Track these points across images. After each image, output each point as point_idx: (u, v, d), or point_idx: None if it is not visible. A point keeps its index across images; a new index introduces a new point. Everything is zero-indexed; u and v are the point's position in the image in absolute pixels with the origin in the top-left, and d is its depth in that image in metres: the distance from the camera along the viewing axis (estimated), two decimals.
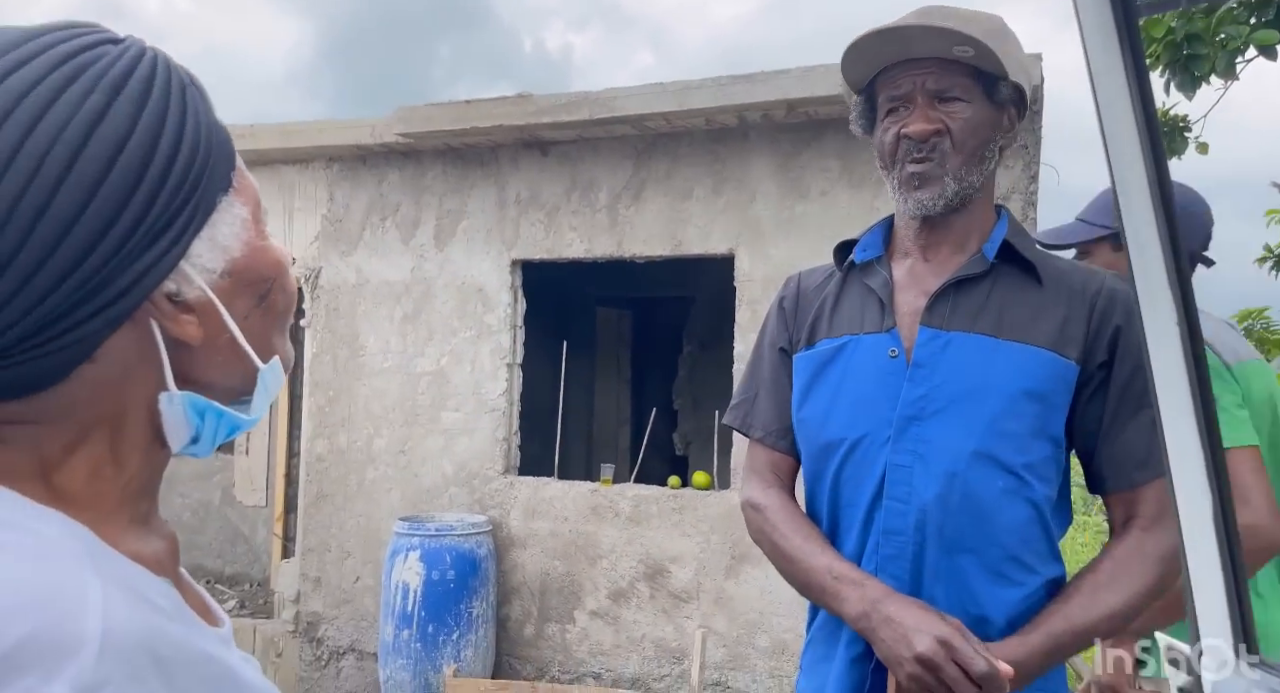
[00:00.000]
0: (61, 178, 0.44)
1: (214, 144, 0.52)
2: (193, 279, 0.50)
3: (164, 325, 0.50)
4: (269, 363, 0.56)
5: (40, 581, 0.41)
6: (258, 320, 0.55)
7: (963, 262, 1.14)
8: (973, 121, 1.10)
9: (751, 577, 3.61)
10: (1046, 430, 1.07)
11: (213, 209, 0.51)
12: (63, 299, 0.44)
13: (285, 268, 0.58)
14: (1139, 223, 0.62)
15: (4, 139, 0.43)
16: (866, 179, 3.53)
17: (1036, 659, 1.01)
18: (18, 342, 0.44)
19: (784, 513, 1.21)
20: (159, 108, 0.48)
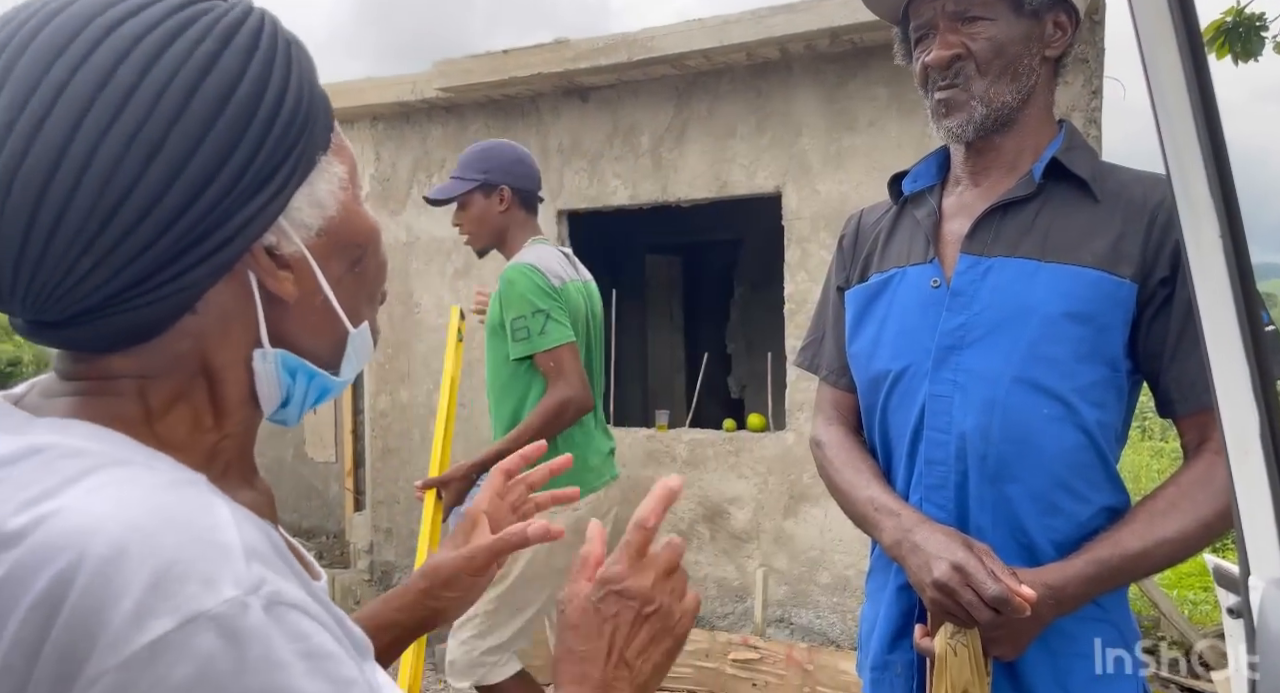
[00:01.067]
0: (173, 120, 0.45)
1: (316, 102, 0.52)
2: (290, 234, 0.51)
3: (262, 280, 0.51)
4: (358, 327, 0.57)
5: (178, 503, 0.44)
6: (350, 285, 0.56)
7: (1010, 184, 1.11)
8: (997, 40, 1.06)
9: (811, 516, 3.62)
10: (1099, 353, 1.03)
11: (313, 166, 0.52)
12: (171, 244, 0.45)
13: (378, 235, 0.59)
14: (1181, 143, 0.58)
15: (119, 82, 0.44)
16: (918, 106, 3.40)
17: (1078, 585, 0.99)
18: (129, 287, 0.46)
19: (839, 448, 1.23)
20: (266, 59, 0.49)
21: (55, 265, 0.44)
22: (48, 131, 0.43)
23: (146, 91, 0.44)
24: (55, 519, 0.42)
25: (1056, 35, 1.09)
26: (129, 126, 0.44)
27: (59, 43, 0.45)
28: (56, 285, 0.45)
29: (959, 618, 0.99)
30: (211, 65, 0.46)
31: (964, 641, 1.00)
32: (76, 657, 0.39)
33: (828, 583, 3.61)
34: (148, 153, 0.44)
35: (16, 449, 0.45)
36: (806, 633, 3.63)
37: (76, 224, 0.44)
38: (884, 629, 1.16)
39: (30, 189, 0.43)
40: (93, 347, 0.49)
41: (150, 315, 0.47)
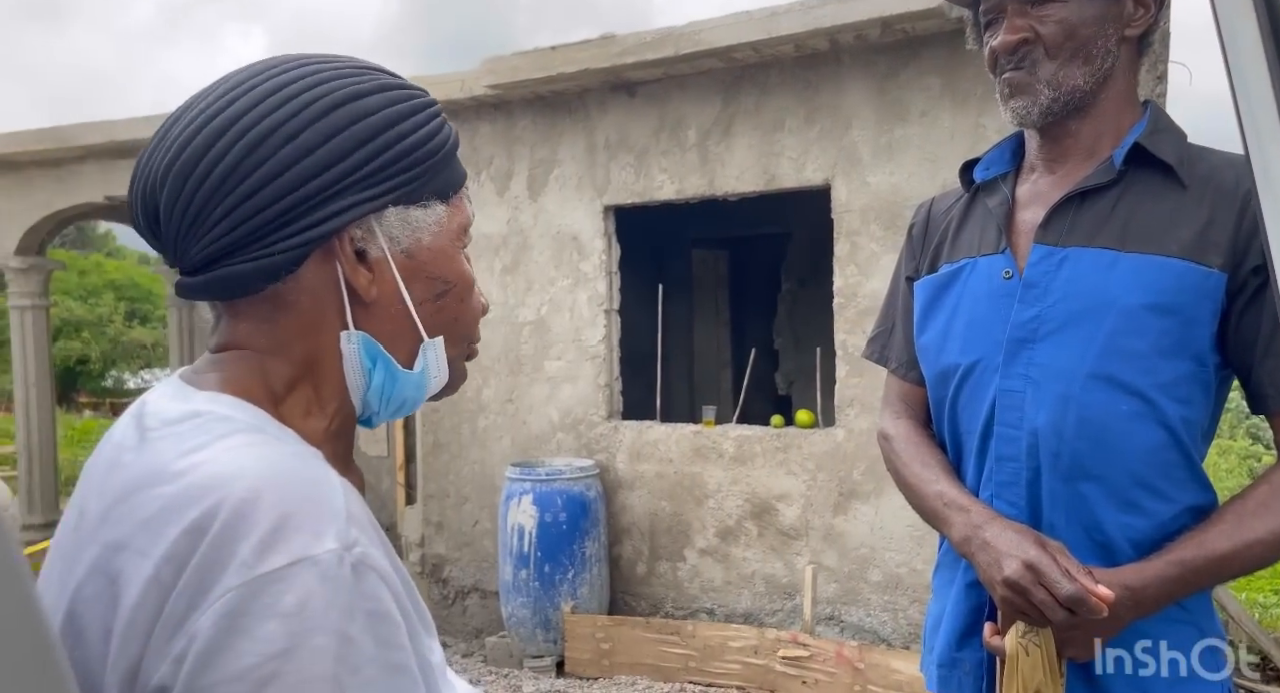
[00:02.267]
0: (313, 121, 0.58)
1: (442, 162, 0.64)
2: (377, 238, 0.61)
3: (345, 269, 0.61)
4: (434, 339, 0.66)
5: (302, 467, 0.55)
6: (430, 313, 0.65)
7: (1088, 171, 1.07)
8: (1069, 22, 1.02)
9: (861, 513, 3.58)
10: (1184, 347, 0.99)
11: (417, 201, 0.63)
12: (282, 211, 0.58)
13: (469, 284, 0.68)
14: (1262, 128, 0.55)
15: (286, 92, 0.59)
16: (971, 95, 3.32)
17: (1158, 586, 0.96)
18: (243, 241, 0.58)
19: (908, 442, 1.21)
20: (405, 111, 0.62)
21: (198, 211, 0.58)
22: (223, 116, 0.58)
23: (303, 99, 0.59)
24: (206, 466, 0.52)
25: (1138, 14, 1.04)
26: (280, 117, 0.58)
27: (263, 69, 0.61)
28: (194, 229, 0.58)
29: (1031, 617, 0.96)
30: (357, 98, 0.60)
31: (1036, 640, 0.97)
32: (210, 576, 0.48)
33: (879, 581, 3.56)
34: (285, 140, 0.57)
35: (183, 412, 0.57)
36: (857, 631, 3.59)
37: (219, 180, 0.57)
38: (951, 626, 1.13)
39: (196, 152, 0.57)
40: (217, 294, 0.60)
41: (257, 270, 0.58)
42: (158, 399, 0.60)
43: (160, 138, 0.60)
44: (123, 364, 21.01)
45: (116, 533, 0.53)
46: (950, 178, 3.59)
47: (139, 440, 0.57)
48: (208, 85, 0.62)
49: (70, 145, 5.38)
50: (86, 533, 0.55)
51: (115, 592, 0.51)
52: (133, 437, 0.58)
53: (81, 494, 0.59)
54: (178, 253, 0.60)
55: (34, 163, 5.80)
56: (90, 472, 0.60)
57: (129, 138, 5.09)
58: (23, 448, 6.24)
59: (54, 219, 6.04)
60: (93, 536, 0.54)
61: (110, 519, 0.54)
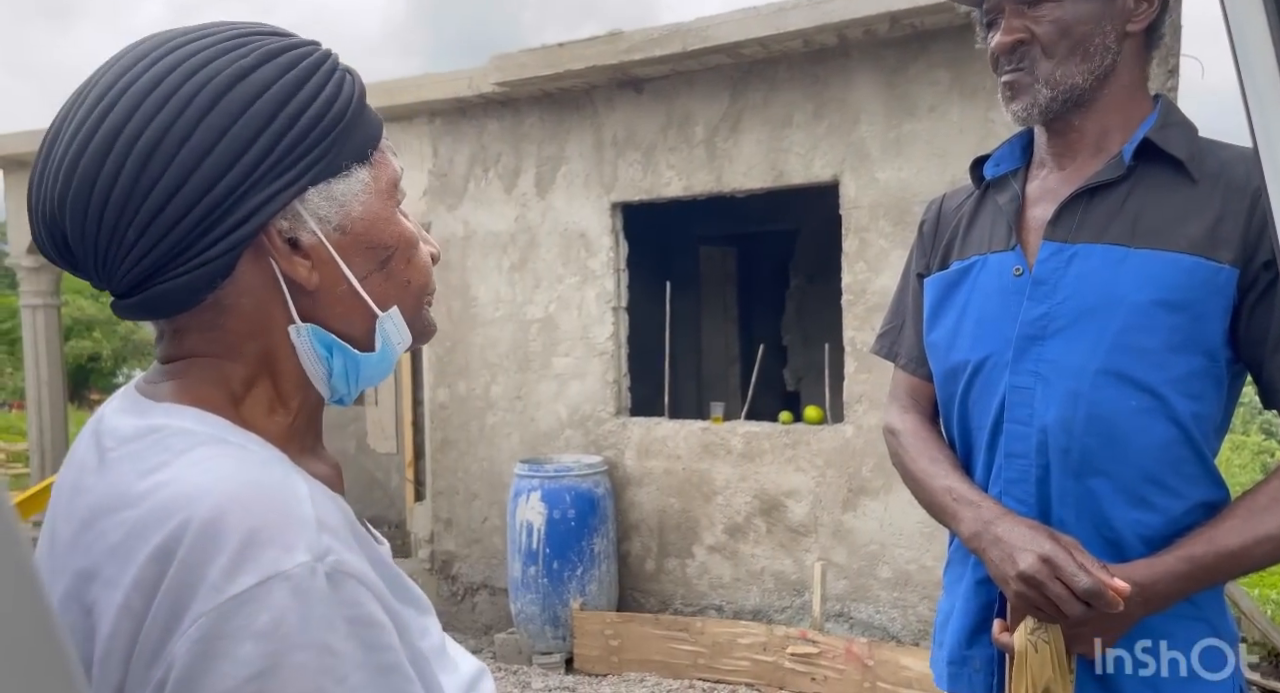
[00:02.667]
0: (201, 116, 0.54)
1: (350, 120, 0.59)
2: (306, 222, 0.58)
3: (280, 263, 0.58)
4: (388, 311, 0.63)
5: (266, 478, 0.53)
6: (378, 283, 0.62)
7: (1098, 167, 1.06)
8: (1064, 21, 1.02)
9: (870, 509, 3.57)
10: (1195, 343, 0.98)
11: (338, 172, 0.59)
12: (198, 219, 0.54)
13: (411, 242, 0.64)
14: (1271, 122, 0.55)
15: (165, 86, 0.54)
16: (980, 90, 3.31)
17: (1169, 582, 0.95)
18: (168, 257, 0.55)
19: (915, 437, 1.20)
20: (300, 76, 0.57)
21: (109, 236, 0.54)
22: (106, 126, 0.53)
23: (184, 94, 0.54)
24: (168, 487, 0.51)
25: (1140, 8, 1.04)
26: (165, 121, 0.53)
27: (134, 59, 0.56)
28: (112, 254, 0.55)
29: (1044, 612, 0.96)
30: (243, 76, 0.55)
31: (1045, 637, 0.97)
32: (181, 602, 0.48)
33: (888, 578, 3.55)
34: (178, 143, 0.53)
35: (139, 428, 0.56)
36: (866, 628, 3.58)
37: (122, 199, 0.53)
38: (961, 623, 1.13)
39: (90, 171, 0.53)
40: (153, 312, 0.58)
41: (190, 283, 0.56)
42: (114, 415, 0.58)
43: (45, 158, 0.56)
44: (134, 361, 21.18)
45: (85, 561, 0.52)
46: (959, 173, 3.57)
47: (99, 462, 0.56)
48: (80, 86, 0.56)
49: None
50: (59, 560, 0.54)
51: (91, 623, 0.50)
52: (93, 458, 0.57)
53: (51, 517, 0.58)
54: (101, 277, 0.57)
55: None
56: (58, 494, 0.59)
57: None
58: (35, 445, 6.30)
59: None
60: (64, 563, 0.53)
61: (79, 547, 0.53)
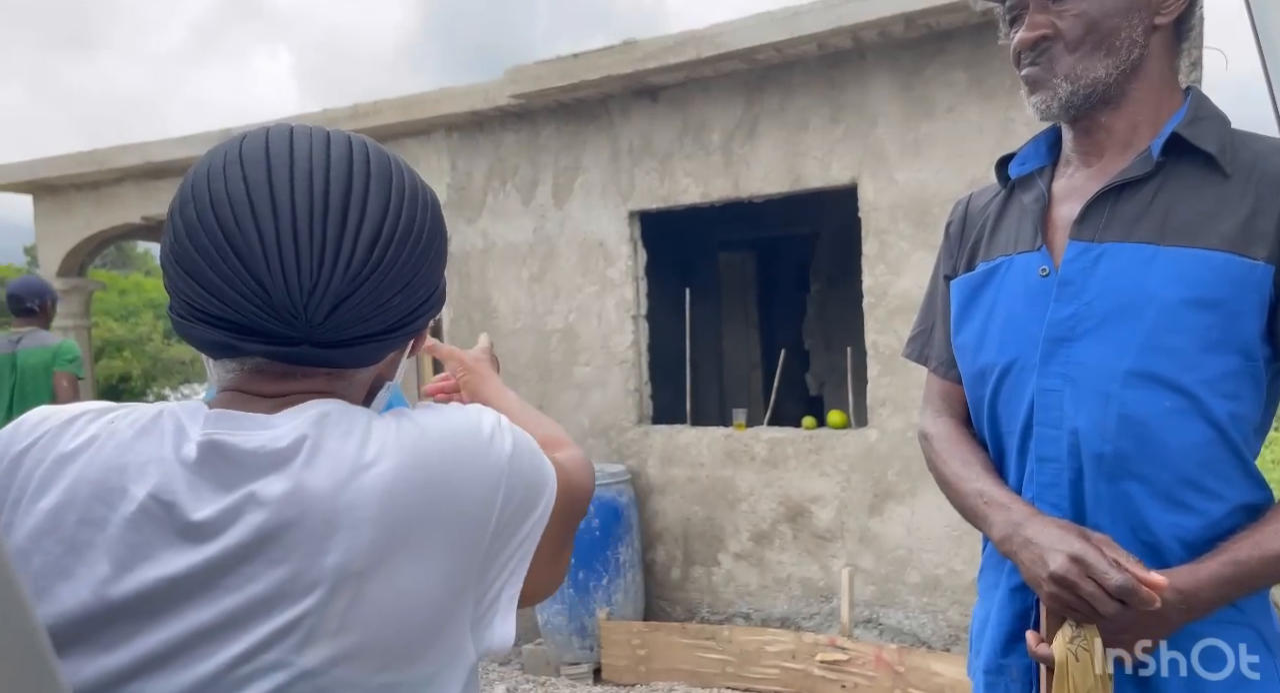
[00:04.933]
0: (424, 213, 0.70)
1: None
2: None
3: (415, 342, 0.76)
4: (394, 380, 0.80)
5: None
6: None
7: (1126, 164, 1.04)
8: (1089, 15, 1.00)
9: (896, 514, 3.53)
10: (1229, 341, 0.96)
11: None
12: (419, 306, 0.70)
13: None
14: None
15: (410, 208, 0.69)
16: (998, 90, 3.28)
17: (1212, 588, 0.93)
18: (383, 332, 0.68)
19: (948, 441, 1.19)
20: (430, 198, 0.74)
21: (377, 304, 0.66)
22: (392, 213, 0.67)
23: (408, 192, 0.69)
24: (397, 443, 0.65)
25: (1168, 1, 1.02)
26: (410, 216, 0.68)
27: (324, 143, 0.69)
28: (366, 317, 0.66)
29: (1080, 613, 0.94)
30: (418, 186, 0.71)
31: (1084, 645, 0.95)
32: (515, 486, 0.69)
33: (917, 583, 3.51)
34: (428, 249, 0.69)
35: (306, 422, 0.64)
36: (896, 634, 3.54)
37: (410, 272, 0.68)
38: (997, 633, 1.11)
39: (372, 258, 0.65)
40: (351, 363, 0.69)
41: (381, 352, 0.70)
42: (235, 434, 0.64)
43: (291, 243, 0.62)
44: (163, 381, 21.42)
45: (353, 534, 0.61)
46: (978, 173, 3.54)
47: (285, 474, 0.62)
48: (279, 176, 0.64)
49: (108, 168, 5.50)
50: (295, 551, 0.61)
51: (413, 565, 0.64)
52: (224, 473, 0.63)
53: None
54: (315, 327, 0.64)
55: (73, 185, 5.94)
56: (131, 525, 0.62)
57: (164, 158, 5.19)
58: None
59: (94, 240, 6.18)
60: (304, 553, 0.61)
61: (314, 536, 0.60)
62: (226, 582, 0.59)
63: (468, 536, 0.64)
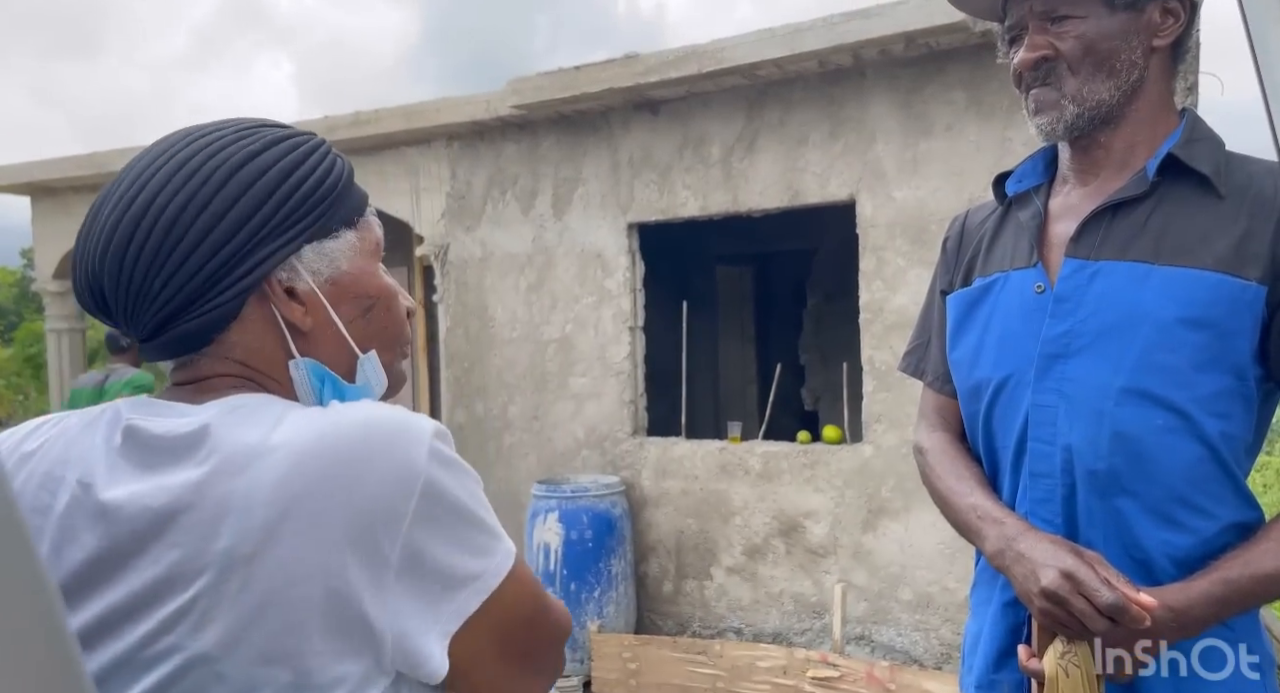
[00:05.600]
0: (219, 189, 0.66)
1: (342, 193, 0.72)
2: (301, 274, 0.70)
3: (279, 308, 0.69)
4: (367, 354, 0.74)
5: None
6: (360, 328, 0.74)
7: (1121, 183, 1.05)
8: (1088, 37, 1.01)
9: (890, 530, 3.53)
10: (1222, 361, 0.97)
11: (328, 234, 0.71)
12: (212, 271, 0.66)
13: (391, 294, 0.76)
14: None
15: (190, 166, 0.66)
16: (996, 109, 3.30)
17: (1204, 607, 0.93)
18: (186, 303, 0.66)
19: (942, 455, 1.20)
20: (297, 159, 0.70)
21: (139, 286, 0.66)
22: (142, 198, 0.66)
23: (203, 172, 0.66)
24: (290, 436, 0.62)
25: (1166, 23, 1.03)
26: (188, 194, 0.66)
27: (168, 144, 0.69)
28: (140, 302, 0.66)
29: (1071, 629, 0.94)
30: (252, 158, 0.68)
31: (1075, 661, 0.95)
32: (394, 477, 0.64)
33: (909, 600, 3.50)
34: (198, 210, 0.65)
35: (217, 411, 0.64)
36: (888, 651, 3.53)
37: (150, 257, 0.65)
38: (989, 648, 1.11)
39: (124, 235, 0.66)
40: (175, 351, 0.69)
41: (203, 325, 0.67)
42: (148, 419, 0.66)
43: (89, 227, 0.68)
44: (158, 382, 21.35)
45: (242, 517, 0.60)
46: (975, 191, 3.56)
47: (197, 465, 0.62)
48: (121, 170, 0.70)
49: (107, 171, 5.50)
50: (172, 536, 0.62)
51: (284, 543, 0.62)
52: (136, 457, 0.64)
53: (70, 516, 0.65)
54: (130, 324, 0.68)
55: (72, 188, 5.94)
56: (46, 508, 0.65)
57: None
58: None
59: None
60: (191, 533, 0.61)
61: (201, 515, 0.61)
62: (134, 563, 0.61)
63: (369, 537, 0.60)
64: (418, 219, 4.67)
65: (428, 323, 5.64)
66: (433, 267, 4.70)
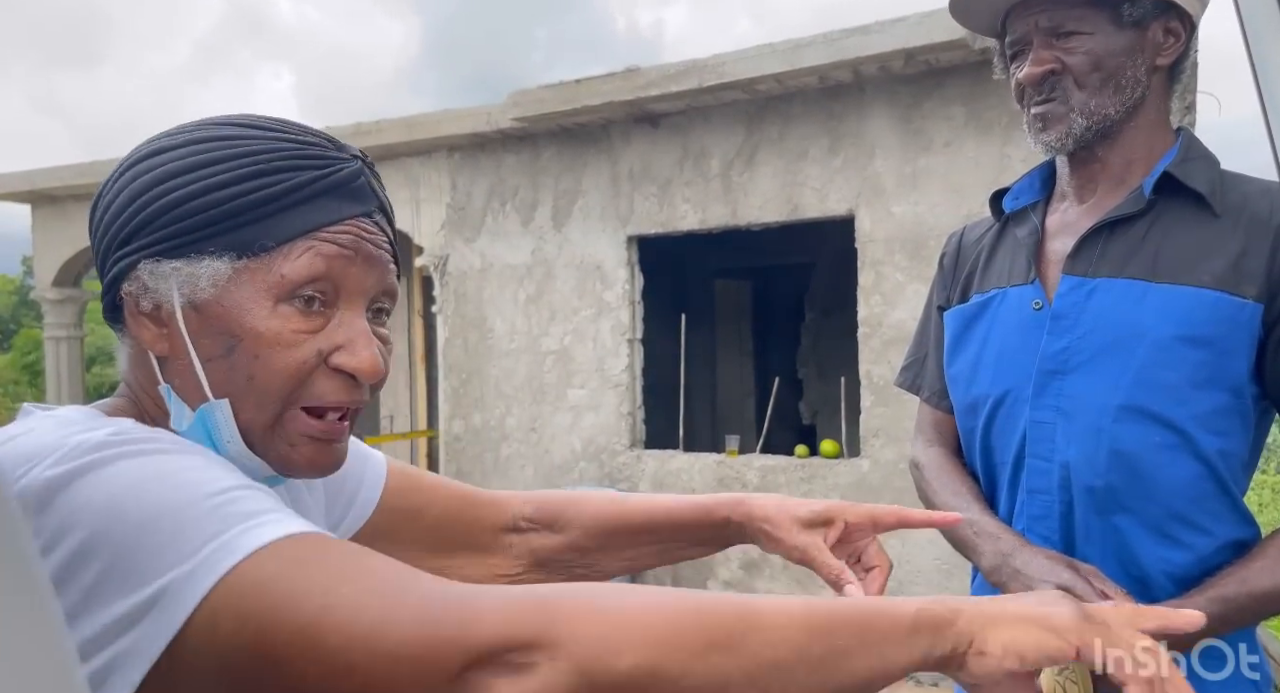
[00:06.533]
0: (114, 181, 0.64)
1: (234, 217, 0.62)
2: (151, 291, 0.62)
3: (130, 322, 0.64)
4: (216, 401, 0.62)
5: (84, 418, 0.62)
6: (223, 370, 0.61)
7: (1118, 200, 1.06)
8: (1095, 53, 1.01)
9: (887, 545, 3.49)
10: (1219, 378, 0.97)
11: (194, 254, 0.61)
12: (100, 264, 0.65)
13: (265, 340, 0.61)
14: None
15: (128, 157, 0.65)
16: (995, 125, 3.32)
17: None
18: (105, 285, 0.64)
19: (939, 470, 1.20)
20: (197, 163, 0.62)
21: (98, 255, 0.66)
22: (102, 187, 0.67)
23: (124, 162, 0.65)
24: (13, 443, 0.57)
25: (1168, 43, 1.04)
26: (109, 182, 0.65)
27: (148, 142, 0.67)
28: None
29: None
30: (152, 155, 0.63)
31: (1072, 677, 0.94)
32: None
33: None
34: (108, 200, 0.64)
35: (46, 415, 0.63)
36: None
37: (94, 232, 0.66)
38: None
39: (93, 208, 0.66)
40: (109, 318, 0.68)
41: (106, 307, 0.66)
42: None
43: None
44: None
45: None
46: (974, 207, 3.57)
47: None
48: None
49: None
50: None
51: None
52: None
53: None
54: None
55: (72, 197, 5.95)
56: None
57: None
58: None
59: (89, 251, 6.17)
60: None
61: None
62: None
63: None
64: (417, 230, 4.68)
65: (426, 334, 5.64)
66: (432, 277, 4.70)
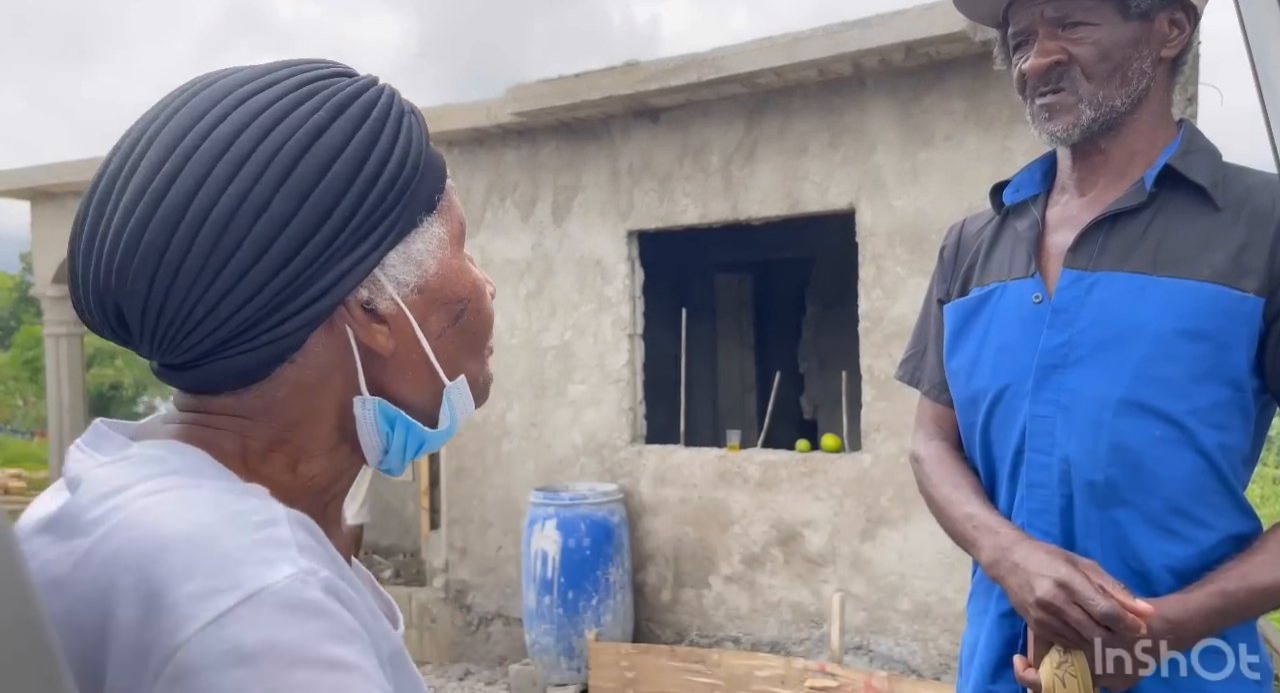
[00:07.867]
0: (279, 184, 0.49)
1: (423, 168, 0.55)
2: (385, 289, 0.54)
3: (357, 333, 0.53)
4: (455, 381, 0.58)
5: (239, 504, 0.48)
6: (452, 339, 0.57)
7: (1119, 193, 1.05)
8: (1103, 44, 1.01)
9: (889, 540, 3.52)
10: (1219, 373, 0.97)
11: (412, 227, 0.54)
12: (272, 295, 0.49)
13: (481, 291, 0.60)
14: None
15: (238, 148, 0.49)
16: (996, 118, 3.31)
17: (1201, 619, 0.93)
18: (235, 334, 0.50)
19: (939, 464, 1.20)
20: (374, 128, 0.52)
21: (174, 312, 0.49)
22: (174, 192, 0.49)
23: (259, 158, 0.49)
24: (122, 512, 0.46)
25: (1173, 34, 1.03)
26: (241, 189, 0.49)
27: (197, 112, 0.50)
28: (175, 331, 0.50)
29: (1067, 639, 0.94)
30: (319, 134, 0.50)
31: (1072, 670, 0.95)
32: (148, 640, 0.42)
33: (908, 610, 3.49)
34: (255, 213, 0.49)
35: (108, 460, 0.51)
36: (886, 661, 3.51)
37: (192, 275, 0.48)
38: (985, 658, 1.11)
39: (156, 243, 0.48)
40: (206, 388, 0.53)
41: (253, 361, 0.51)
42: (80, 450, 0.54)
43: (95, 218, 0.51)
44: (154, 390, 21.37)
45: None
46: (975, 201, 3.56)
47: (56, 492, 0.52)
48: (130, 137, 0.52)
49: None
50: None
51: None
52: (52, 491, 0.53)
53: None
54: (156, 350, 0.52)
55: (71, 193, 5.94)
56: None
57: None
58: (56, 473, 6.34)
59: None
60: None
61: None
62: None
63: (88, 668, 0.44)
64: None
65: None
66: None
